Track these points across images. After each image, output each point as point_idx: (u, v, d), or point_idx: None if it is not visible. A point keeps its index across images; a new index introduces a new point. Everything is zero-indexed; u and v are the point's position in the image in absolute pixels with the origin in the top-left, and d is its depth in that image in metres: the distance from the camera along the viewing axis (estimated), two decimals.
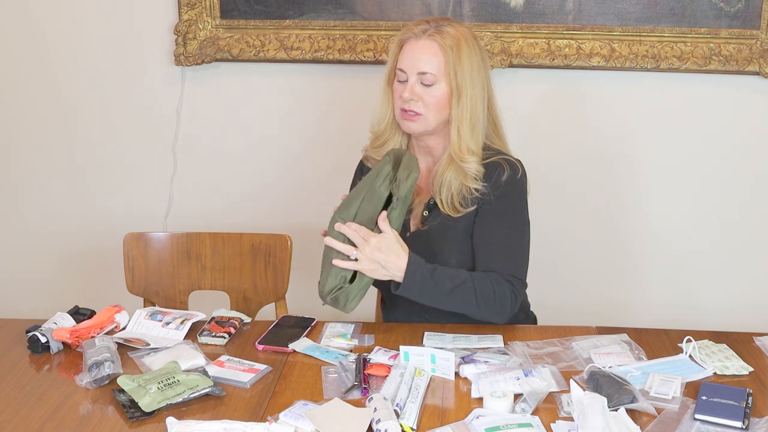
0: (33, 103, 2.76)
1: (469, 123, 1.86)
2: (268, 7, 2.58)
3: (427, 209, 1.93)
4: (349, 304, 1.78)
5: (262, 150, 2.73)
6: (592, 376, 1.60)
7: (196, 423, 1.46)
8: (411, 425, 1.46)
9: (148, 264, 2.24)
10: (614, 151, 2.63)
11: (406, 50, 1.87)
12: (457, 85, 1.84)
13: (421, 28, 1.87)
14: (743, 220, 2.64)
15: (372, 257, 1.73)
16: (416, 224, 1.95)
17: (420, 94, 1.85)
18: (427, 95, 1.85)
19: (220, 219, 2.73)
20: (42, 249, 2.87)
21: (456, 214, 1.88)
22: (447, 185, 1.88)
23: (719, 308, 2.69)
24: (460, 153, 1.86)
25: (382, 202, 1.77)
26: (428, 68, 1.84)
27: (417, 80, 1.85)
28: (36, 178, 2.83)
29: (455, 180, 1.88)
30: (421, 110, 1.86)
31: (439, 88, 1.85)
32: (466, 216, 1.89)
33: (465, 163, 1.86)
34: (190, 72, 2.68)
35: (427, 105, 1.85)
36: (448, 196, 1.88)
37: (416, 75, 1.85)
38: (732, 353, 1.74)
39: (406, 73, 1.86)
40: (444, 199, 1.88)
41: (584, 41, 2.51)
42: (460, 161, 1.86)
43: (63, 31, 2.69)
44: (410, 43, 1.87)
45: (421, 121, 1.87)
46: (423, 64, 1.84)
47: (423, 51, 1.84)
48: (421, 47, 1.85)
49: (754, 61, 2.47)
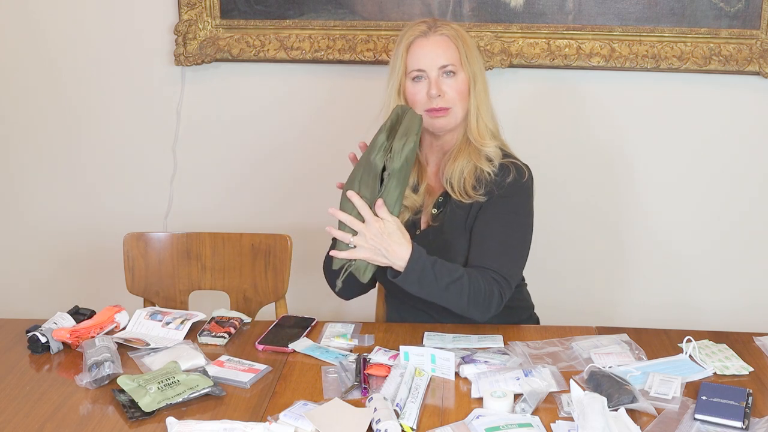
0: (33, 103, 2.76)
1: (486, 105, 1.92)
2: (268, 7, 2.58)
3: (436, 206, 1.94)
4: (363, 276, 1.78)
5: (262, 150, 2.73)
6: (592, 376, 1.60)
7: (196, 423, 1.46)
8: (411, 425, 1.46)
9: (148, 264, 2.24)
10: (614, 151, 2.63)
11: (417, 50, 1.88)
12: (473, 72, 1.90)
13: (423, 27, 1.90)
14: (743, 219, 2.64)
15: (373, 245, 1.71)
16: (427, 221, 1.95)
17: (444, 89, 1.87)
18: (450, 88, 1.88)
19: (220, 219, 2.73)
20: (42, 249, 2.87)
21: (467, 200, 1.88)
22: (459, 171, 1.90)
23: (719, 308, 2.69)
24: (481, 137, 1.90)
25: (378, 176, 1.72)
26: (448, 60, 1.87)
27: (439, 75, 1.87)
28: (36, 178, 2.83)
29: (468, 165, 1.89)
30: (449, 104, 1.88)
31: (461, 78, 1.89)
32: (473, 211, 1.89)
33: (485, 147, 1.90)
34: (190, 72, 2.68)
35: (452, 98, 1.88)
36: (460, 181, 1.89)
37: (437, 70, 1.87)
38: (732, 353, 1.74)
39: (425, 71, 1.87)
40: (456, 185, 1.89)
41: (584, 41, 2.51)
42: (480, 145, 1.89)
43: (63, 31, 2.69)
44: (419, 42, 1.89)
45: (451, 115, 1.89)
46: (442, 57, 1.87)
47: (437, 46, 1.88)
48: (433, 43, 1.88)
49: (754, 61, 2.47)
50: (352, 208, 1.70)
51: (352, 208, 1.70)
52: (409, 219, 1.94)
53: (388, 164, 1.70)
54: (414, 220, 1.95)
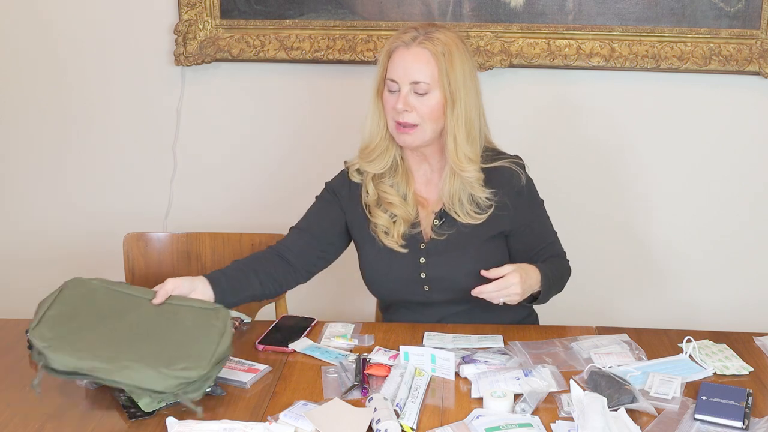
0: (33, 102, 2.76)
1: (465, 130, 1.82)
2: (268, 7, 2.58)
3: (437, 218, 1.91)
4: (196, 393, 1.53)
5: (262, 150, 2.73)
6: (592, 376, 1.60)
7: (196, 423, 1.46)
8: (411, 425, 1.46)
9: (148, 264, 2.24)
10: (614, 151, 2.63)
11: (396, 59, 1.80)
12: (451, 92, 1.79)
13: (410, 35, 1.80)
14: (743, 219, 2.64)
15: (523, 289, 1.77)
16: (428, 234, 1.92)
17: (414, 105, 1.79)
18: (421, 105, 1.79)
19: (220, 219, 2.73)
20: (42, 249, 2.87)
21: (476, 222, 1.88)
22: (458, 197, 1.87)
23: (719, 308, 2.69)
24: (459, 162, 1.83)
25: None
26: (421, 77, 1.78)
27: (410, 90, 1.79)
28: (36, 178, 2.83)
29: (463, 191, 1.87)
30: (417, 121, 1.80)
31: (433, 97, 1.80)
32: (487, 222, 1.88)
33: (464, 172, 1.83)
34: (190, 72, 2.68)
35: (421, 115, 1.80)
36: (461, 207, 1.88)
37: (409, 85, 1.79)
38: (732, 353, 1.74)
39: (397, 83, 1.80)
40: (459, 211, 1.88)
41: (584, 41, 2.51)
42: (459, 170, 1.84)
43: (63, 31, 2.69)
44: (400, 51, 1.80)
45: (417, 133, 1.82)
46: (416, 72, 1.78)
47: (414, 59, 1.79)
48: (412, 55, 1.79)
49: (754, 61, 2.47)
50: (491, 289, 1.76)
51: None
52: (406, 232, 1.91)
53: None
54: (413, 234, 1.91)
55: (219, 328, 1.58)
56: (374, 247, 1.92)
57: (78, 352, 1.49)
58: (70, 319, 1.55)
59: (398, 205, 1.90)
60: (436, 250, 1.90)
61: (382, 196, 1.92)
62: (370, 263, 1.95)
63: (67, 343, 1.49)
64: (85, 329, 1.54)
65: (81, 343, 1.50)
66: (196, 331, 1.56)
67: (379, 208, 1.91)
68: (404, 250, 1.90)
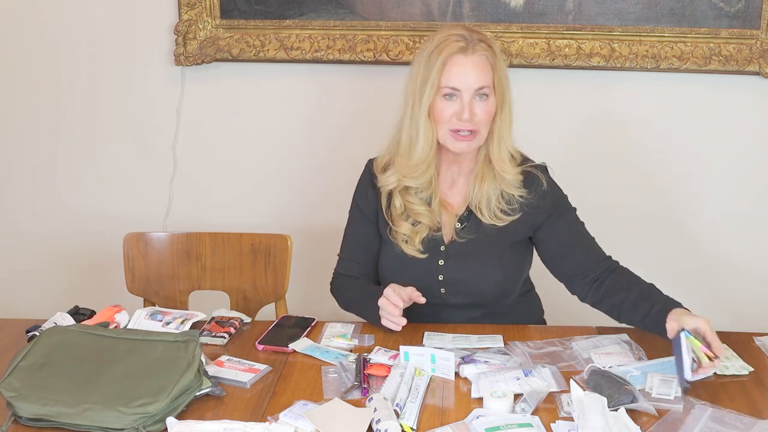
0: (33, 102, 2.76)
1: (509, 131, 1.86)
2: (268, 7, 2.58)
3: (460, 221, 1.91)
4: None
5: (262, 150, 2.73)
6: (592, 376, 1.60)
7: (196, 423, 1.46)
8: (411, 425, 1.46)
9: (148, 264, 2.24)
10: (614, 150, 2.63)
11: (454, 68, 1.78)
12: (502, 95, 1.83)
13: (461, 43, 1.79)
14: (743, 219, 2.64)
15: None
16: (450, 236, 1.91)
17: (474, 111, 1.80)
18: (481, 110, 1.81)
19: (220, 219, 2.73)
20: (42, 249, 2.87)
21: (501, 223, 1.88)
22: (487, 198, 1.87)
23: (719, 308, 2.69)
24: (502, 162, 1.85)
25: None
26: (485, 82, 1.80)
27: (473, 97, 1.80)
28: (36, 178, 2.83)
29: (495, 191, 1.87)
30: (477, 126, 1.81)
31: (491, 101, 1.82)
32: (511, 226, 1.88)
33: (506, 173, 1.85)
34: (190, 72, 2.68)
35: (480, 120, 1.81)
36: (490, 207, 1.87)
37: (472, 92, 1.79)
38: (732, 353, 1.74)
39: (460, 90, 1.79)
40: (486, 211, 1.87)
41: (584, 41, 2.51)
42: (501, 171, 1.85)
43: (63, 30, 2.69)
44: (458, 59, 1.79)
45: (476, 139, 1.83)
46: (479, 79, 1.79)
47: (475, 66, 1.79)
48: (472, 63, 1.79)
49: (754, 61, 2.47)
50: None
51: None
52: (428, 235, 1.90)
53: None
54: (435, 237, 1.90)
55: (186, 360, 1.57)
56: (393, 249, 1.93)
57: (43, 399, 1.49)
58: (41, 367, 1.56)
59: (425, 213, 1.89)
60: (456, 253, 1.89)
61: (409, 207, 1.90)
62: (389, 262, 1.95)
63: (33, 391, 1.50)
64: (55, 376, 1.54)
65: (47, 390, 1.51)
66: (160, 366, 1.56)
67: (402, 216, 1.91)
68: (423, 256, 1.90)
